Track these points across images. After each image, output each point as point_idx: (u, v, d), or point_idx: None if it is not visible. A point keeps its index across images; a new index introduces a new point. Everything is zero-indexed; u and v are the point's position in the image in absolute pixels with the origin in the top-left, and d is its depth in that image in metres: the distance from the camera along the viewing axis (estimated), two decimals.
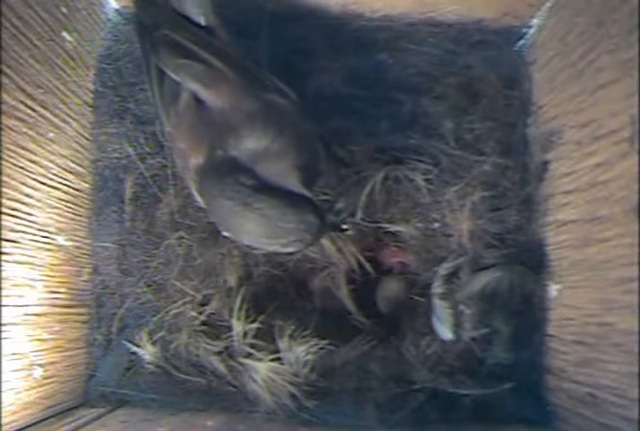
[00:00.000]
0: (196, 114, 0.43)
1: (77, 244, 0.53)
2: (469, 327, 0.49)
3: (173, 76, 0.43)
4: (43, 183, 0.47)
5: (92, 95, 0.55)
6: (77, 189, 0.53)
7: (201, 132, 0.42)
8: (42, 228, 0.47)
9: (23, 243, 0.44)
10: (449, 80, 0.55)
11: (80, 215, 0.53)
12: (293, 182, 0.40)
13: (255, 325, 0.50)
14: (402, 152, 0.53)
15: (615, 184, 0.39)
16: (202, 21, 0.45)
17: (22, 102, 0.43)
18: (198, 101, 0.43)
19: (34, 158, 0.45)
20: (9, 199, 0.42)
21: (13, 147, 0.42)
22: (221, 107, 0.42)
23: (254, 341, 0.50)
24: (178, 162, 0.46)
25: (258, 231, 0.40)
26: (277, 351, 0.49)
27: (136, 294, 0.54)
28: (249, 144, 0.40)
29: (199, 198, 0.44)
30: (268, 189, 0.39)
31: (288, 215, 0.39)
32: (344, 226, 0.47)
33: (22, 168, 0.44)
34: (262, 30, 0.53)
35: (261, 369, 0.49)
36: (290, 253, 0.42)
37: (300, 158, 0.40)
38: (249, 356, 0.50)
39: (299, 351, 0.49)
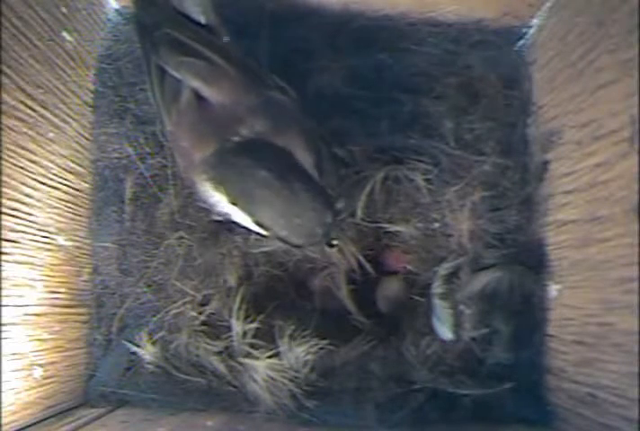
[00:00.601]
0: (197, 111, 0.43)
1: (77, 244, 0.53)
2: (469, 327, 0.49)
3: (175, 74, 0.43)
4: (43, 183, 0.47)
5: (92, 95, 0.55)
6: (77, 189, 0.53)
7: (204, 129, 0.42)
8: (42, 228, 0.47)
9: (23, 243, 0.44)
10: (449, 80, 0.55)
11: (80, 215, 0.53)
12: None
13: (255, 325, 0.50)
14: (402, 152, 0.53)
15: (615, 184, 0.39)
16: (202, 19, 0.45)
17: (22, 102, 0.43)
18: (199, 98, 0.43)
19: (34, 158, 0.45)
20: (9, 199, 0.42)
21: (13, 147, 0.42)
22: (222, 102, 0.42)
23: (254, 341, 0.50)
24: (179, 162, 0.46)
25: (282, 208, 0.40)
26: (277, 350, 0.49)
27: (136, 294, 0.54)
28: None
29: (208, 189, 0.43)
30: (308, 174, 0.40)
31: (316, 204, 0.39)
32: (334, 242, 0.46)
33: (22, 168, 0.43)
34: (262, 30, 0.53)
35: (259, 367, 0.49)
36: (292, 246, 0.41)
37: (309, 156, 0.41)
38: (249, 355, 0.50)
39: (299, 351, 0.49)
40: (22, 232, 0.44)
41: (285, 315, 0.52)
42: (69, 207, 0.51)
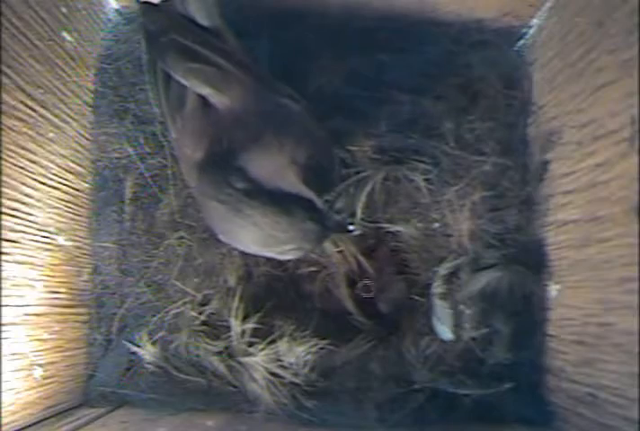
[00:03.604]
0: (202, 118, 0.42)
1: (77, 244, 0.53)
2: (469, 327, 0.49)
3: (182, 81, 0.43)
4: (43, 183, 0.47)
5: (92, 95, 0.55)
6: (77, 189, 0.53)
7: (207, 136, 0.41)
8: (42, 228, 0.47)
9: (23, 243, 0.44)
10: (449, 80, 0.55)
11: (80, 215, 0.53)
12: (292, 180, 0.37)
13: (255, 325, 0.50)
14: (402, 152, 0.53)
15: (615, 184, 0.39)
16: (207, 23, 0.44)
17: (22, 102, 0.43)
18: (205, 105, 0.42)
19: (34, 158, 0.45)
20: (9, 199, 0.42)
21: (13, 147, 0.42)
22: (231, 109, 0.41)
23: (254, 341, 0.50)
24: (183, 169, 0.46)
25: (251, 238, 0.39)
26: (276, 350, 0.49)
27: (136, 294, 0.54)
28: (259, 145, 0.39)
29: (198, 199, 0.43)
30: (261, 193, 0.37)
31: (282, 224, 0.37)
32: (351, 227, 0.43)
33: (22, 168, 0.44)
34: (262, 30, 0.53)
35: (259, 365, 0.49)
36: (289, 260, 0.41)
37: (310, 159, 0.39)
38: (248, 355, 0.50)
39: (299, 351, 0.49)
40: (22, 232, 0.44)
41: (285, 315, 0.52)
42: (69, 207, 0.51)
